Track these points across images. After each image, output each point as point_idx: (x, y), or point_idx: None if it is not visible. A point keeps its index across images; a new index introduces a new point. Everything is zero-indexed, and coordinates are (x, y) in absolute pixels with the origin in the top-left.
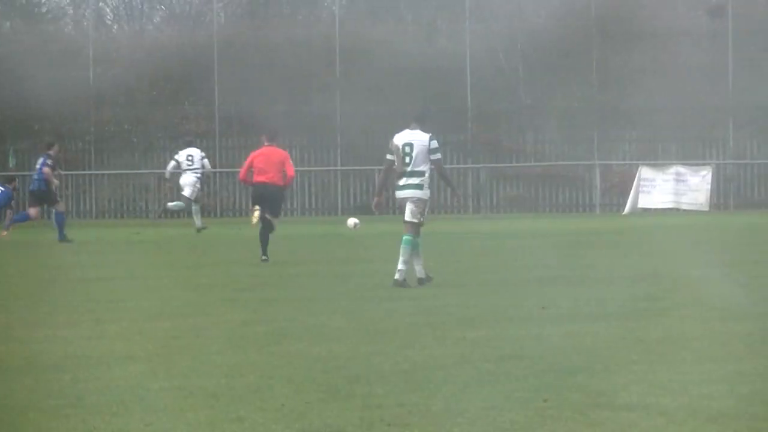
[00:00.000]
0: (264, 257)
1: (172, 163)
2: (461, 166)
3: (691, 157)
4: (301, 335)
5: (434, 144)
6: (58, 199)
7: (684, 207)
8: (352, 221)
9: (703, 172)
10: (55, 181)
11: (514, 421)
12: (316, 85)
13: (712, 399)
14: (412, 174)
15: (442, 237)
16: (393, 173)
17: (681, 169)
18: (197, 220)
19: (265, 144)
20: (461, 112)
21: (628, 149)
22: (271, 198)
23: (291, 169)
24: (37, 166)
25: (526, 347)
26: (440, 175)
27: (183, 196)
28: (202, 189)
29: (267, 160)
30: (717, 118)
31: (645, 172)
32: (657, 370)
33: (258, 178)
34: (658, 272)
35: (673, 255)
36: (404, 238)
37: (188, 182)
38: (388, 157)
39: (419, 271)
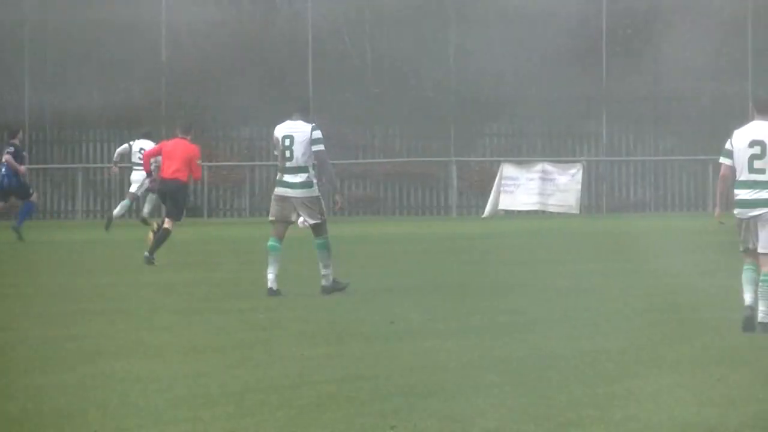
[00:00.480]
0: (147, 254)
1: (124, 148)
2: None
3: (559, 153)
4: (117, 353)
5: (316, 134)
6: (31, 191)
7: (551, 209)
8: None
9: (573, 171)
10: (22, 169)
11: None
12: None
13: (580, 427)
14: (296, 170)
15: None
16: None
17: (548, 166)
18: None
19: (179, 136)
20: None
21: (488, 144)
22: (171, 196)
23: (198, 171)
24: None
25: (371, 366)
26: (321, 170)
27: (129, 192)
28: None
29: (173, 152)
30: (588, 110)
31: (507, 170)
32: (520, 393)
33: (163, 174)
34: (521, 283)
35: (537, 263)
36: (270, 244)
37: (137, 179)
38: (275, 152)
39: (326, 276)
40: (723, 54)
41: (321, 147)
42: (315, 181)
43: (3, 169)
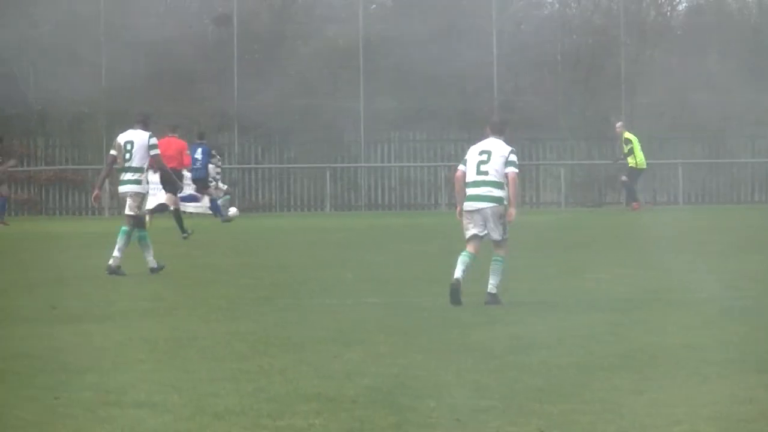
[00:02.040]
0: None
1: None
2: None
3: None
4: None
5: (153, 141)
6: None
7: (189, 209)
8: (233, 210)
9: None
10: None
11: (22, 417)
12: None
13: (218, 396)
14: (131, 170)
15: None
16: (113, 169)
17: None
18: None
19: (168, 135)
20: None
21: None
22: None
23: (188, 159)
24: None
25: (35, 346)
26: (159, 170)
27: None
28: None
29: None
30: (222, 125)
31: (152, 177)
32: (163, 369)
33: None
34: (165, 273)
35: (174, 258)
36: (122, 228)
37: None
38: (111, 152)
39: (150, 261)
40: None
41: (157, 152)
42: (146, 180)
43: None
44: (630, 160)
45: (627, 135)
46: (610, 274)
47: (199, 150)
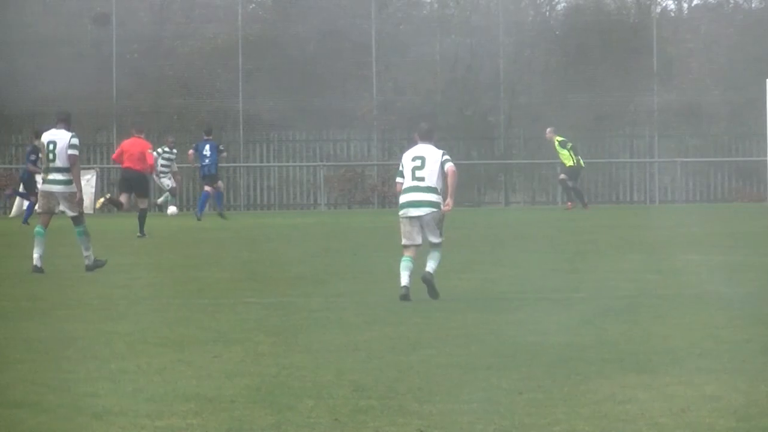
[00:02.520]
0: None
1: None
2: None
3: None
4: None
5: (74, 141)
6: None
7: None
8: (172, 209)
9: (88, 176)
10: None
11: None
12: None
13: (97, 396)
14: (59, 170)
15: None
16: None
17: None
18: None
19: (134, 135)
20: None
21: None
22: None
23: (150, 158)
24: None
25: None
26: (72, 169)
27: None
28: None
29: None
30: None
31: None
32: (42, 369)
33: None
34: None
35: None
36: (37, 230)
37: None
38: (40, 154)
39: (89, 257)
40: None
41: (75, 152)
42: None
43: None
44: (567, 161)
45: (559, 138)
46: (492, 274)
47: (207, 146)
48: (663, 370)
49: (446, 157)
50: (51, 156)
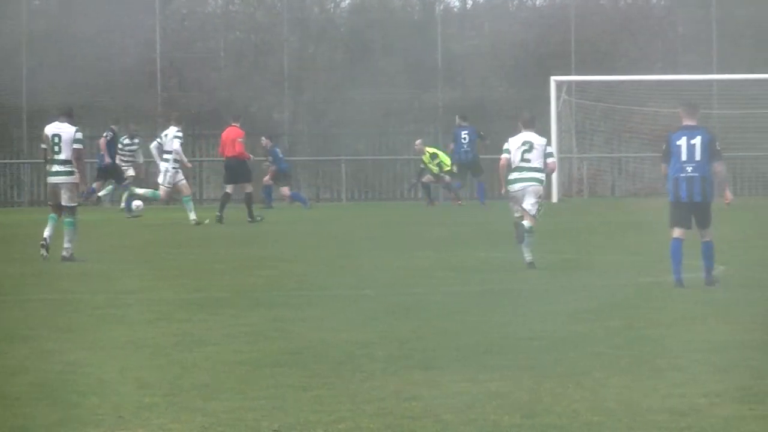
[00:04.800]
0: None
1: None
2: None
3: None
4: None
5: (78, 135)
6: None
7: None
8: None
9: None
10: None
11: None
12: None
13: None
14: (61, 162)
15: None
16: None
17: None
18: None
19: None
20: None
21: None
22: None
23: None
24: None
25: None
26: (77, 163)
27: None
28: None
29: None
30: None
31: None
32: None
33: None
34: None
35: None
36: (50, 216)
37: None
38: (42, 146)
39: (68, 249)
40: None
41: (80, 146)
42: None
43: None
44: (434, 168)
45: (429, 150)
46: (280, 270)
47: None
48: (448, 367)
49: (549, 149)
50: (56, 149)
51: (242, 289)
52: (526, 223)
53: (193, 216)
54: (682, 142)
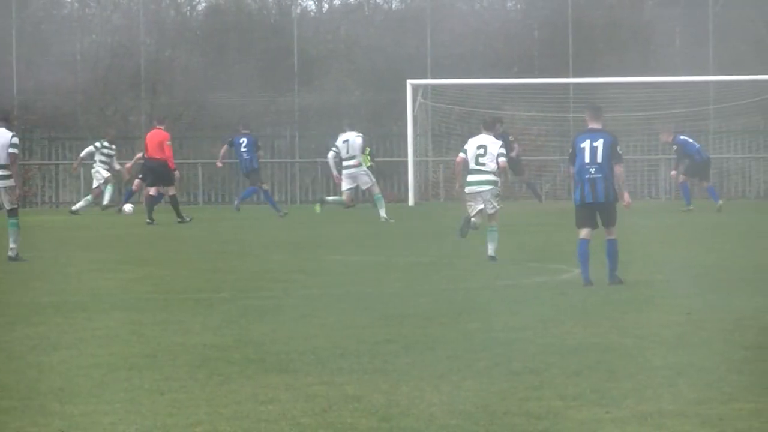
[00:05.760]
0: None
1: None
2: None
3: None
4: None
5: (14, 140)
6: None
7: None
8: (128, 206)
9: None
10: None
11: None
12: None
13: None
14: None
15: None
16: None
17: None
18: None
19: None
20: None
21: None
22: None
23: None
24: None
25: None
26: (11, 168)
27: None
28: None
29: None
30: None
31: None
32: None
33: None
34: None
35: None
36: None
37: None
38: None
39: (13, 249)
40: None
41: (16, 150)
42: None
43: None
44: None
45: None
46: (136, 273)
47: (245, 140)
48: (305, 370)
49: (502, 149)
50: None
51: (98, 292)
52: (474, 220)
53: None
54: (586, 144)
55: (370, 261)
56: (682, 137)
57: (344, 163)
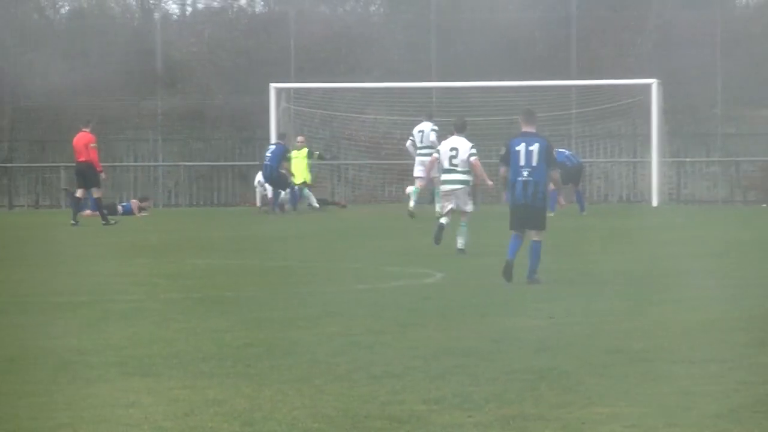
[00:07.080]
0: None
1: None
2: None
3: None
4: None
5: None
6: None
7: None
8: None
9: None
10: None
11: None
12: None
13: None
14: None
15: None
16: None
17: None
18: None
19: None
20: None
21: None
22: None
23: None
24: None
25: None
26: None
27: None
28: None
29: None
30: None
31: None
32: None
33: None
34: None
35: None
36: None
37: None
38: None
39: None
40: None
41: None
42: None
43: None
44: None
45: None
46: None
47: (272, 147)
48: (166, 374)
49: (473, 150)
50: None
51: None
52: (444, 220)
53: None
54: (521, 147)
55: (229, 264)
56: None
57: (418, 152)
